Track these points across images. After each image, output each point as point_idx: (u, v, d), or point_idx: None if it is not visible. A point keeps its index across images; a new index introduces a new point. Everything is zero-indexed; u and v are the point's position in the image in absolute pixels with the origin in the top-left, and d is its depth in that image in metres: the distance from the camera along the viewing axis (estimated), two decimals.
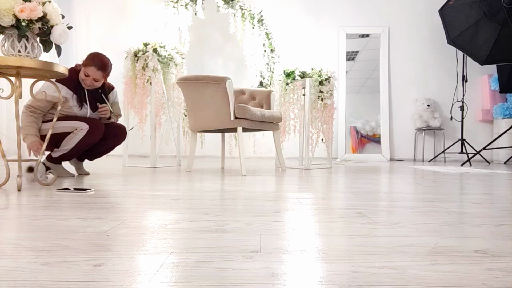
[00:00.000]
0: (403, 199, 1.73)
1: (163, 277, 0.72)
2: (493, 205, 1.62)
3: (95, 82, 2.45)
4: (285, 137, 3.69)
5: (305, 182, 2.38)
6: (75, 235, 1.02)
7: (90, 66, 2.39)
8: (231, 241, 0.98)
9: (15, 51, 1.79)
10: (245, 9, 4.45)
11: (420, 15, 5.56)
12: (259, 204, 1.54)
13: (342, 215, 1.34)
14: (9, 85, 1.85)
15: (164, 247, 0.91)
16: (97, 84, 2.48)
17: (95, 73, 2.40)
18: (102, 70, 2.43)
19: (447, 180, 2.69)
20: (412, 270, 0.78)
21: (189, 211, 1.38)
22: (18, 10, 1.70)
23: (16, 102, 1.82)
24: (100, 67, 2.41)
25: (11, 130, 3.54)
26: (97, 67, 2.40)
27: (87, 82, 2.43)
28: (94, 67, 2.39)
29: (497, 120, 5.26)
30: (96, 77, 2.42)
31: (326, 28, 5.59)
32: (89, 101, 2.52)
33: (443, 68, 5.54)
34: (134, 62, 3.39)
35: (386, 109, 5.52)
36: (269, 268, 0.78)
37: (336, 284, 0.70)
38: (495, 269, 0.79)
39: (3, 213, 1.29)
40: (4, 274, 0.73)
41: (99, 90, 2.57)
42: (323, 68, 3.61)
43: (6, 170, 1.83)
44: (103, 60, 2.45)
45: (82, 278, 0.71)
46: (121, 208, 1.42)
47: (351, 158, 5.47)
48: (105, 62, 2.45)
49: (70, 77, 2.39)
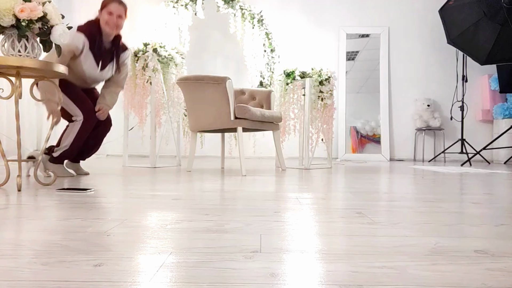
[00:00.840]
0: (403, 199, 1.73)
1: (163, 277, 0.72)
2: (493, 205, 1.62)
3: (119, 20, 2.37)
4: (285, 137, 3.69)
5: (305, 182, 2.38)
6: (75, 235, 1.02)
7: (112, 3, 2.36)
8: (231, 241, 0.98)
9: (15, 51, 1.79)
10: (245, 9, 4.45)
11: (420, 15, 5.56)
12: (259, 204, 1.54)
13: (342, 215, 1.34)
14: (9, 85, 1.85)
15: (164, 247, 0.91)
16: (121, 23, 2.39)
17: (117, 8, 2.36)
18: (123, 5, 2.41)
19: (447, 180, 2.69)
20: (412, 270, 0.78)
21: (189, 211, 1.38)
22: (18, 10, 1.70)
23: (16, 102, 1.82)
24: (120, 1, 2.40)
25: (11, 130, 3.55)
26: (117, 2, 2.38)
27: (112, 22, 2.35)
28: (115, 2, 2.37)
29: (497, 120, 5.26)
30: (119, 12, 2.36)
31: (326, 28, 5.59)
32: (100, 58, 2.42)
33: (443, 68, 5.54)
34: (134, 62, 3.39)
35: (386, 109, 5.52)
36: (269, 268, 0.78)
37: (336, 284, 0.70)
38: (494, 269, 0.79)
39: (3, 213, 1.29)
40: (4, 274, 0.73)
41: (112, 48, 2.45)
42: (323, 68, 3.61)
43: (6, 170, 1.83)
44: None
45: (82, 278, 0.71)
46: (121, 208, 1.42)
47: (351, 158, 5.47)
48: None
49: (89, 29, 2.34)
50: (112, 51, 2.45)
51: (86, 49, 2.30)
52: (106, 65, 2.43)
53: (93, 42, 2.33)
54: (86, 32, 2.31)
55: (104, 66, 2.42)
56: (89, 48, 2.31)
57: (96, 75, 2.40)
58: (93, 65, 2.36)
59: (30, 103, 3.94)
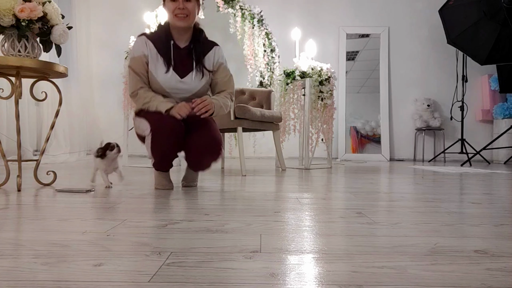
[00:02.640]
0: (403, 199, 1.73)
1: (163, 277, 0.72)
2: (493, 205, 1.62)
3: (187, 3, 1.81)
4: (285, 137, 3.69)
5: (305, 182, 2.38)
6: (75, 235, 1.02)
7: None
8: (231, 241, 0.98)
9: (15, 51, 1.79)
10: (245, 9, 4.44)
11: (420, 15, 5.56)
12: (259, 204, 1.54)
13: (342, 215, 1.34)
14: (9, 85, 1.85)
15: (164, 247, 0.91)
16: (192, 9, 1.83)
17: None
18: None
19: (447, 180, 2.69)
20: (412, 270, 0.78)
21: (189, 211, 1.38)
22: (18, 10, 1.70)
23: (16, 102, 1.82)
24: None
25: (11, 130, 3.54)
26: None
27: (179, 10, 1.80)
28: None
29: (497, 120, 5.26)
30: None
31: (326, 28, 5.59)
32: (175, 62, 1.86)
33: (443, 68, 5.54)
34: None
35: (386, 109, 5.52)
36: (269, 268, 0.78)
37: (336, 284, 0.70)
38: (494, 269, 0.79)
39: (3, 213, 1.29)
40: (4, 274, 0.73)
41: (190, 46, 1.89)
42: (323, 68, 3.61)
43: (6, 170, 1.83)
44: None
45: (82, 278, 0.71)
46: (121, 208, 1.42)
47: (351, 158, 5.47)
48: None
49: (158, 34, 1.89)
50: (191, 51, 1.89)
51: (151, 54, 1.84)
52: (187, 70, 1.86)
53: (160, 43, 1.85)
54: (149, 34, 1.89)
55: (184, 72, 1.86)
56: (156, 52, 1.84)
57: (177, 86, 1.85)
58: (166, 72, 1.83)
59: (30, 103, 3.94)
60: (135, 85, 1.84)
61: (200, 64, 1.89)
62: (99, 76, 5.35)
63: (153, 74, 1.84)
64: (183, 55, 1.88)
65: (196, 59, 1.88)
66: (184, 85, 1.86)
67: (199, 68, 1.88)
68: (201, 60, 1.89)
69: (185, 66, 1.87)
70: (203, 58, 1.90)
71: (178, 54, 1.87)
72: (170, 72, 1.83)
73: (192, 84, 1.88)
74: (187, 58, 1.88)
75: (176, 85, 1.86)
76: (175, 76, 1.84)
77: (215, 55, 1.94)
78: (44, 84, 2.10)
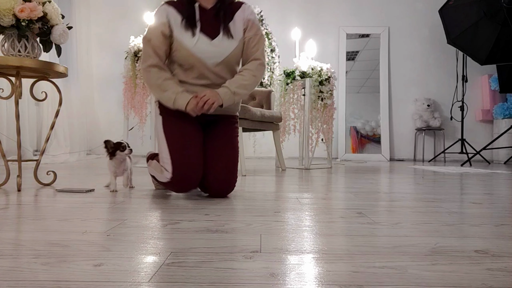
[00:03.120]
0: (403, 199, 1.73)
1: (163, 277, 0.72)
2: (493, 205, 1.62)
3: None
4: (285, 137, 3.69)
5: (305, 182, 2.38)
6: (75, 235, 1.02)
7: None
8: (231, 241, 0.98)
9: (15, 51, 1.79)
10: None
11: (420, 15, 5.55)
12: (259, 204, 1.54)
13: (342, 215, 1.34)
14: (9, 85, 1.85)
15: (164, 247, 0.91)
16: None
17: None
18: None
19: (447, 180, 2.69)
20: (412, 270, 0.78)
21: (189, 211, 1.38)
22: (18, 10, 1.70)
23: (16, 102, 1.82)
24: None
25: (11, 130, 3.54)
26: None
27: None
28: None
29: (497, 120, 5.26)
30: None
31: (326, 28, 5.59)
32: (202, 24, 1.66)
33: (443, 68, 5.54)
34: (134, 62, 3.39)
35: (386, 109, 5.52)
36: (269, 268, 0.78)
37: (336, 284, 0.70)
38: (495, 269, 0.79)
39: (3, 213, 1.29)
40: (4, 274, 0.73)
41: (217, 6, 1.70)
42: (323, 68, 3.61)
43: (6, 170, 1.83)
44: None
45: (82, 278, 0.71)
46: (121, 208, 1.42)
47: (351, 158, 5.47)
48: None
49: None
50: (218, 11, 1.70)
51: (175, 21, 1.65)
52: (217, 32, 1.67)
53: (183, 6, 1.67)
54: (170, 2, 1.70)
55: (214, 34, 1.66)
56: (181, 17, 1.65)
57: (208, 49, 1.64)
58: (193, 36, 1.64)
59: (30, 103, 3.94)
60: (147, 58, 1.64)
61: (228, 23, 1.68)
62: (99, 76, 5.35)
63: (179, 41, 1.63)
64: (210, 16, 1.68)
65: (223, 19, 1.68)
66: (215, 47, 1.65)
67: (227, 28, 1.68)
68: (229, 20, 1.69)
69: (214, 28, 1.67)
70: (232, 18, 1.70)
71: (205, 15, 1.67)
72: (197, 35, 1.63)
73: (223, 46, 1.66)
74: (215, 19, 1.68)
75: (207, 48, 1.64)
76: (204, 39, 1.64)
77: (244, 12, 1.72)
78: (44, 84, 2.10)
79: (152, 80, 1.63)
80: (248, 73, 1.68)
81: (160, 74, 1.62)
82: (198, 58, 1.64)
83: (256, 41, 1.71)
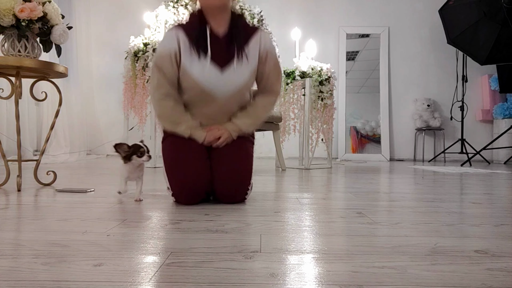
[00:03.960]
0: (403, 199, 1.73)
1: (163, 277, 0.72)
2: (493, 205, 1.62)
3: None
4: (285, 137, 3.69)
5: (305, 182, 2.38)
6: (75, 235, 1.02)
7: None
8: (231, 241, 0.98)
9: (15, 51, 1.79)
10: (245, 9, 4.44)
11: (420, 15, 5.55)
12: (259, 204, 1.54)
13: (342, 215, 1.34)
14: (9, 85, 1.85)
15: (164, 247, 0.91)
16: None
17: None
18: None
19: (447, 180, 2.69)
20: (412, 270, 0.78)
21: (189, 211, 1.38)
22: (18, 10, 1.70)
23: (16, 102, 1.82)
24: None
25: (11, 130, 3.54)
26: None
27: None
28: None
29: (497, 120, 5.26)
30: None
31: (326, 28, 5.59)
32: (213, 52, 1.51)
33: (443, 68, 5.54)
34: (134, 62, 3.39)
35: (386, 109, 5.52)
36: (269, 268, 0.78)
37: (336, 284, 0.70)
38: (495, 269, 0.79)
39: (3, 213, 1.29)
40: (4, 274, 0.73)
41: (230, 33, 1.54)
42: (323, 68, 3.61)
43: (6, 170, 1.83)
44: None
45: (82, 278, 0.71)
46: (121, 208, 1.42)
47: (351, 158, 5.46)
48: None
49: (190, 21, 1.57)
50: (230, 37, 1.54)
51: (184, 46, 1.50)
52: (228, 61, 1.52)
53: (194, 30, 1.52)
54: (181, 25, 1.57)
55: (225, 63, 1.52)
56: (190, 42, 1.50)
57: (218, 80, 1.51)
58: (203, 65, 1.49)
59: (30, 103, 3.94)
60: (157, 87, 1.51)
61: (242, 51, 1.54)
62: (99, 76, 5.35)
63: (186, 69, 1.49)
64: (222, 44, 1.52)
65: (237, 46, 1.53)
66: (225, 78, 1.51)
67: (241, 55, 1.53)
68: (243, 47, 1.55)
69: (225, 57, 1.52)
70: (246, 45, 1.55)
71: (216, 43, 1.52)
72: (207, 64, 1.49)
73: (236, 77, 1.52)
74: (227, 47, 1.52)
75: (217, 79, 1.50)
76: (213, 69, 1.50)
77: (261, 40, 1.57)
78: (44, 84, 2.10)
79: (165, 113, 1.53)
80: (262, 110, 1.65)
81: (174, 108, 1.52)
82: (205, 89, 1.51)
83: (276, 75, 1.63)
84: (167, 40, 1.53)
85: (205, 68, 1.49)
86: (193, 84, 1.50)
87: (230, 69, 1.52)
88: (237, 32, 1.55)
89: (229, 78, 1.52)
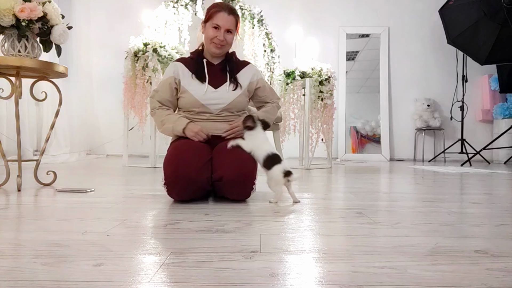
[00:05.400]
0: (403, 199, 1.73)
1: (163, 277, 0.72)
2: (493, 205, 1.62)
3: (228, 35, 1.78)
4: (285, 137, 3.69)
5: (305, 182, 2.38)
6: (75, 235, 1.02)
7: (219, 13, 1.77)
8: (231, 241, 0.98)
9: (15, 51, 1.79)
10: (245, 9, 4.44)
11: (420, 15, 5.55)
12: (259, 204, 1.54)
13: (342, 215, 1.34)
14: (9, 85, 1.85)
15: (164, 247, 0.91)
16: (230, 39, 1.81)
17: (226, 20, 1.76)
18: (234, 14, 1.81)
19: (447, 180, 2.69)
20: (412, 270, 0.78)
21: (189, 211, 1.38)
22: (18, 10, 1.70)
23: (16, 102, 1.82)
24: (230, 10, 1.80)
25: (11, 130, 3.54)
26: (227, 11, 1.78)
27: (218, 40, 1.77)
28: (224, 12, 1.77)
29: (497, 120, 5.26)
30: (228, 25, 1.77)
31: (326, 28, 5.59)
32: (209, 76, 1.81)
33: (443, 68, 5.54)
34: (134, 62, 3.39)
35: (386, 109, 5.52)
36: (269, 268, 0.78)
37: (336, 284, 0.70)
38: (495, 269, 0.79)
39: (3, 213, 1.29)
40: (4, 274, 0.73)
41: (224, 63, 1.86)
42: (323, 68, 3.61)
43: (6, 170, 1.83)
44: (229, 4, 1.93)
45: (82, 278, 0.71)
46: (121, 208, 1.42)
47: (351, 158, 5.46)
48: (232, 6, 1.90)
49: (190, 56, 1.90)
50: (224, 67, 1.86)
51: (183, 74, 1.80)
52: (221, 82, 1.82)
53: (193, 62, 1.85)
54: (183, 58, 1.89)
55: (218, 84, 1.81)
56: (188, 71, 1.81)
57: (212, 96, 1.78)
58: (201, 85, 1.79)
59: (30, 103, 3.94)
60: (153, 106, 1.83)
61: (234, 76, 1.85)
62: (99, 76, 5.35)
63: (186, 89, 1.78)
64: (217, 70, 1.85)
65: (230, 72, 1.85)
66: (218, 95, 1.79)
67: (233, 79, 1.84)
68: (235, 73, 1.86)
69: (219, 79, 1.83)
70: (237, 73, 1.87)
71: (212, 69, 1.84)
72: (204, 85, 1.79)
73: (227, 94, 1.80)
74: (221, 72, 1.85)
75: (211, 96, 1.78)
76: (209, 88, 1.79)
77: (251, 71, 1.91)
78: (44, 84, 2.10)
79: (158, 118, 1.80)
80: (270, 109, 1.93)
81: (163, 112, 1.80)
82: (202, 104, 1.78)
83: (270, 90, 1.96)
84: (167, 71, 1.85)
85: (202, 88, 1.79)
86: (192, 100, 1.78)
87: (223, 88, 1.82)
88: (230, 63, 1.88)
89: (222, 95, 1.80)
